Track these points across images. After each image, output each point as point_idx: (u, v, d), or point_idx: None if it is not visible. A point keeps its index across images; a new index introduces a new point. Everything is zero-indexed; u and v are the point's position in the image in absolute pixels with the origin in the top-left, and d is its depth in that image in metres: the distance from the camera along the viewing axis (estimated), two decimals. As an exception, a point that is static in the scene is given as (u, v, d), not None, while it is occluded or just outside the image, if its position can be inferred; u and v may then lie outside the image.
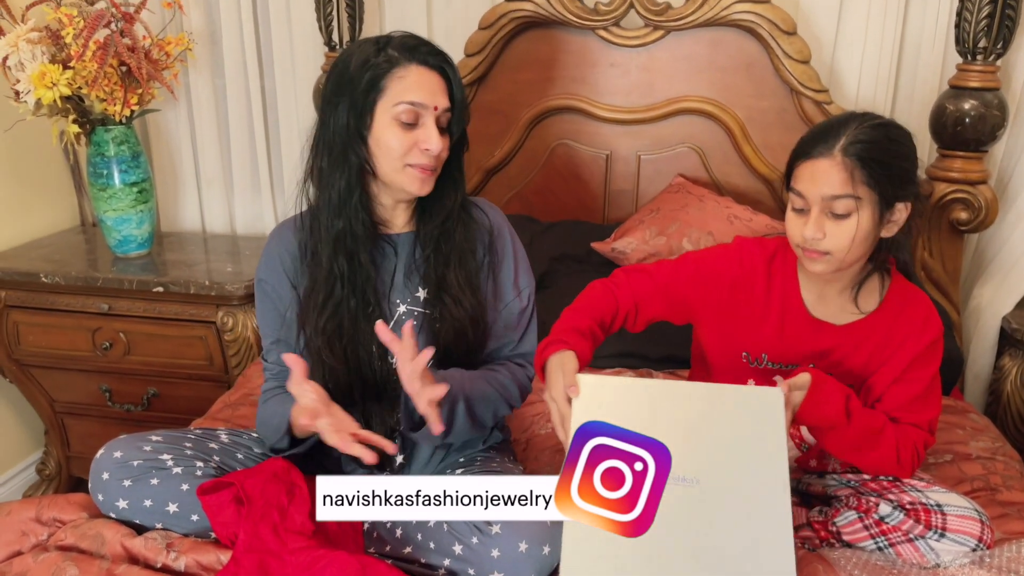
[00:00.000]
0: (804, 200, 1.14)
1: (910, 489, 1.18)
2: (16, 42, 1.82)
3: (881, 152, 1.11)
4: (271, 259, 1.30)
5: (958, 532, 1.13)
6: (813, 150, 1.12)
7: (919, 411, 1.22)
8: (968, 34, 1.79)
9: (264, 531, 1.12)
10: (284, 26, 2.21)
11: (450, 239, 1.27)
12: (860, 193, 1.10)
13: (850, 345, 1.23)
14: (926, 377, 1.21)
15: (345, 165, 1.20)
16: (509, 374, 1.29)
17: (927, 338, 1.21)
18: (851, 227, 1.12)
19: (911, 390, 1.21)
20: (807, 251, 1.15)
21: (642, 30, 2.04)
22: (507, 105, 2.14)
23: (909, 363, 1.21)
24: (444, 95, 1.20)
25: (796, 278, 1.26)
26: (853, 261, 1.16)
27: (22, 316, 2.07)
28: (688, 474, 1.03)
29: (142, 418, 2.11)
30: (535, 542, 1.09)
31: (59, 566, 1.13)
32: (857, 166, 1.10)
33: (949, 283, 2.00)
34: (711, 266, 1.28)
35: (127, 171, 2.04)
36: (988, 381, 2.03)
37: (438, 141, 1.18)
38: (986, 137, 1.85)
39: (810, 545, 1.22)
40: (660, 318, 1.30)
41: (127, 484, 1.21)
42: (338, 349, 1.23)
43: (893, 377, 1.22)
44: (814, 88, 1.95)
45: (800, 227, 1.15)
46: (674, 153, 2.11)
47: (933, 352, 1.22)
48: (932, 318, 1.23)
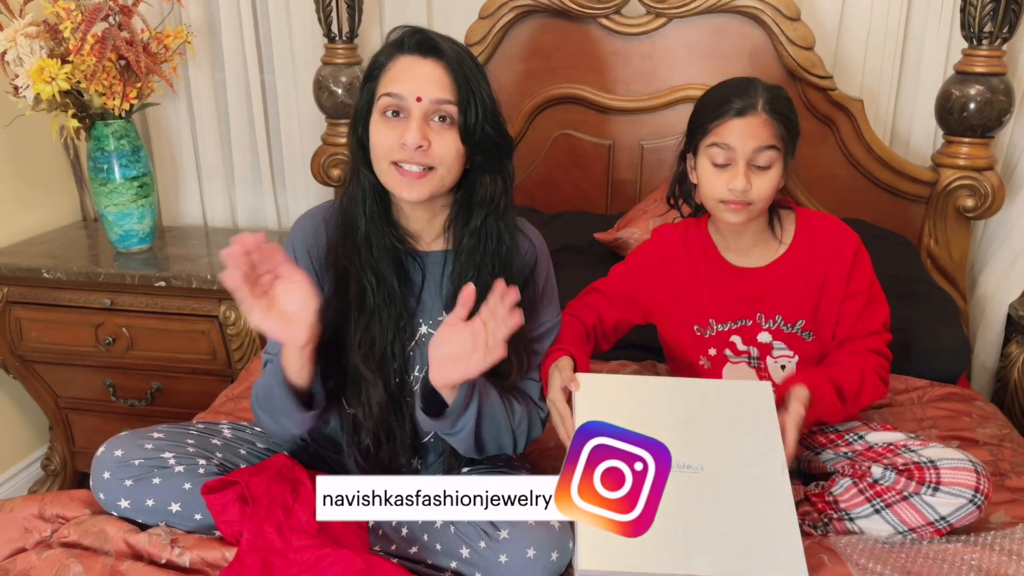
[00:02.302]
0: (731, 153, 1.23)
1: (904, 451, 1.19)
2: (14, 37, 1.81)
3: (788, 108, 1.25)
4: (299, 251, 1.22)
5: (953, 484, 1.13)
6: (735, 108, 1.22)
7: (871, 318, 1.31)
8: (974, 18, 1.77)
9: (268, 530, 1.11)
10: (283, 18, 2.20)
11: (481, 261, 1.16)
12: (779, 145, 1.23)
13: (780, 281, 1.32)
14: (864, 286, 1.31)
15: (357, 174, 1.17)
16: (524, 407, 1.20)
17: (847, 252, 1.30)
18: (772, 177, 1.24)
19: (857, 304, 1.31)
20: (731, 203, 1.25)
21: (644, 18, 2.02)
22: (508, 95, 2.12)
23: (845, 281, 1.30)
24: (437, 85, 1.09)
25: (711, 240, 1.37)
26: (763, 209, 1.28)
27: (24, 312, 2.06)
28: (692, 462, 1.07)
29: (146, 413, 2.11)
30: (543, 548, 1.07)
31: (63, 563, 1.12)
32: (777, 120, 1.23)
33: (955, 270, 1.98)
34: (638, 259, 1.42)
35: (127, 166, 2.03)
36: (995, 368, 2.03)
37: (415, 134, 1.08)
38: (992, 123, 1.83)
39: (810, 520, 1.22)
40: (623, 322, 1.42)
41: (128, 483, 1.19)
42: (372, 363, 1.17)
43: (838, 299, 1.31)
44: (818, 75, 1.94)
45: (724, 181, 1.24)
46: (677, 142, 2.08)
47: (860, 262, 1.31)
48: (844, 233, 1.32)
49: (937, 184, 1.93)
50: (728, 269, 1.35)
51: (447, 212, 1.20)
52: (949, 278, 1.98)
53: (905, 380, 1.65)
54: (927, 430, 1.50)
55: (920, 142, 2.08)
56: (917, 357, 1.66)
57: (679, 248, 1.38)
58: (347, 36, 2.07)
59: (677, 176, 1.38)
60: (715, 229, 1.37)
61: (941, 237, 1.97)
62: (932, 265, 1.98)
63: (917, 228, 2.01)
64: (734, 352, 1.36)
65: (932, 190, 1.95)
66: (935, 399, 1.60)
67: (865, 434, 1.28)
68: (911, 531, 1.16)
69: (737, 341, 1.35)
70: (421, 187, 1.12)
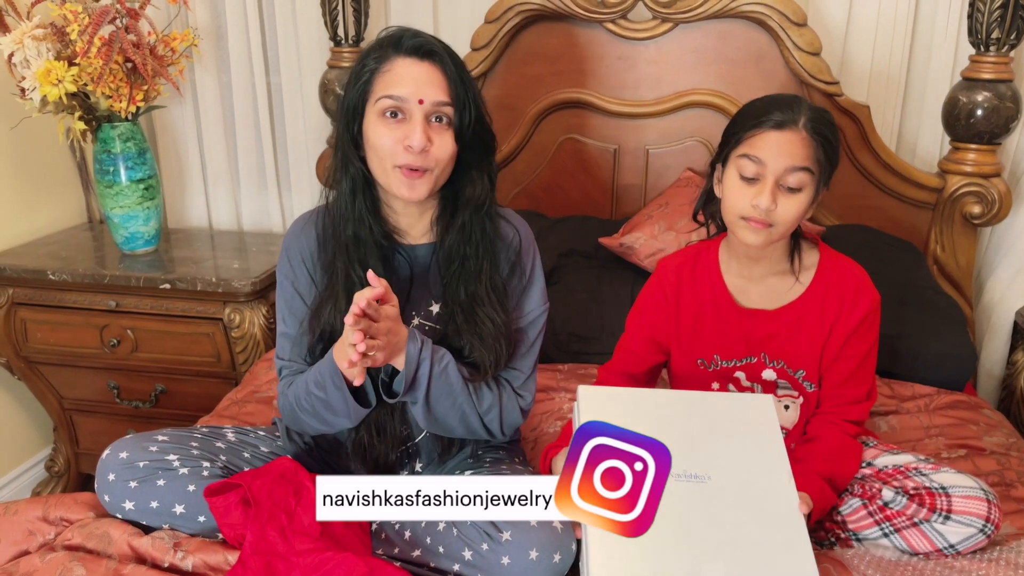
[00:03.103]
0: (761, 168, 1.15)
1: (915, 474, 1.18)
2: (21, 39, 1.82)
3: (832, 132, 1.17)
4: (293, 255, 1.24)
5: (964, 513, 1.12)
6: (775, 120, 1.15)
7: (855, 385, 1.25)
8: (981, 25, 1.76)
9: (271, 533, 1.11)
10: (289, 21, 2.20)
11: (467, 253, 1.19)
12: (814, 169, 1.15)
13: (789, 327, 1.26)
14: (860, 353, 1.24)
15: (348, 170, 1.17)
16: (495, 393, 1.21)
17: (859, 312, 1.24)
18: (799, 202, 1.16)
19: (846, 367, 1.25)
20: (752, 221, 1.17)
21: (650, 23, 2.02)
22: (514, 99, 2.12)
23: (845, 340, 1.24)
24: (436, 87, 1.11)
25: (719, 273, 1.30)
26: (784, 235, 1.21)
27: (30, 313, 2.07)
28: (699, 472, 1.06)
29: (150, 415, 2.11)
30: (546, 550, 1.08)
31: (66, 566, 1.13)
32: (817, 142, 1.15)
33: (962, 277, 1.98)
34: (645, 298, 1.37)
35: (133, 168, 2.04)
36: (1002, 376, 2.01)
37: (419, 136, 1.09)
38: (999, 129, 1.83)
39: (816, 538, 1.21)
40: (654, 366, 1.38)
41: (133, 485, 1.20)
42: None
43: (832, 356, 1.25)
44: (825, 80, 1.93)
45: (750, 196, 1.16)
46: (683, 147, 2.09)
47: (868, 327, 1.25)
48: (864, 291, 1.25)
49: (944, 191, 1.92)
50: (736, 310, 1.29)
51: (435, 207, 1.22)
52: (955, 285, 1.97)
53: (912, 387, 1.65)
54: (934, 438, 1.49)
55: (927, 148, 2.07)
56: (923, 364, 1.65)
57: (686, 280, 1.32)
58: (353, 39, 2.07)
59: (705, 191, 1.31)
60: (728, 254, 1.30)
61: (948, 244, 1.96)
62: (939, 272, 1.97)
63: (924, 235, 2.00)
64: (738, 388, 1.33)
65: (939, 196, 1.94)
66: (942, 407, 1.59)
67: (873, 460, 1.26)
68: (917, 555, 1.15)
69: (741, 377, 1.32)
70: (421, 187, 1.13)
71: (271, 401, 1.65)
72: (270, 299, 2.00)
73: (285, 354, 1.25)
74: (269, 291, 2.01)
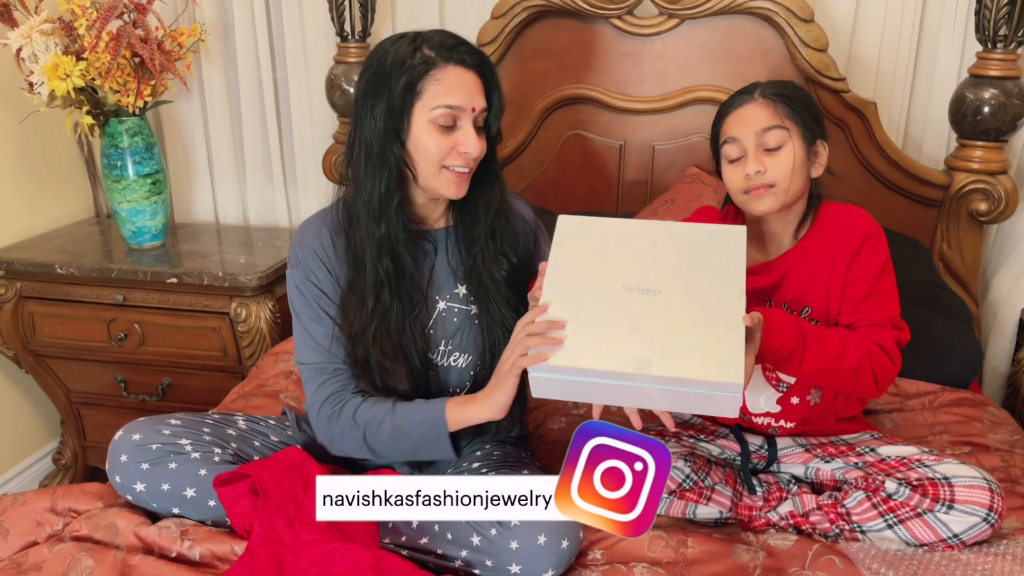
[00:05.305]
0: (738, 144, 1.24)
1: (918, 466, 1.19)
2: (30, 33, 1.83)
3: (793, 92, 1.25)
4: (308, 258, 1.24)
5: (967, 502, 1.13)
6: (736, 103, 1.26)
7: (873, 310, 1.24)
8: (988, 21, 1.76)
9: (278, 523, 1.12)
10: (296, 16, 2.20)
11: (498, 236, 1.26)
12: (787, 125, 1.22)
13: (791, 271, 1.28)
14: (868, 274, 1.25)
15: (384, 169, 1.17)
16: None
17: (856, 236, 1.25)
18: (787, 156, 1.22)
19: (858, 290, 1.25)
20: (753, 189, 1.23)
21: (657, 18, 2.02)
22: (520, 95, 2.13)
23: (847, 266, 1.25)
24: (481, 95, 1.17)
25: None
26: (796, 193, 1.25)
27: (38, 307, 2.08)
28: (650, 286, 1.08)
29: (157, 408, 2.12)
30: (554, 535, 1.10)
31: (74, 557, 1.13)
32: (778, 102, 1.23)
33: (968, 275, 1.97)
34: None
35: (141, 162, 2.05)
36: (1007, 374, 2.01)
37: (476, 143, 1.16)
38: (1006, 126, 1.82)
39: (821, 530, 1.22)
40: None
41: (145, 467, 1.21)
42: (388, 351, 1.21)
43: (840, 283, 1.26)
44: (831, 76, 1.93)
45: (740, 172, 1.24)
46: (689, 143, 2.09)
47: (871, 249, 1.26)
48: (860, 219, 1.28)
49: (950, 188, 1.92)
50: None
51: None
52: (961, 282, 1.97)
53: (916, 384, 1.65)
54: (938, 435, 1.49)
55: (933, 145, 2.07)
56: (928, 361, 1.65)
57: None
58: (359, 35, 2.07)
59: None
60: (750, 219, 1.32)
61: (954, 241, 1.96)
62: (944, 269, 1.97)
63: (930, 232, 2.00)
64: None
65: (945, 194, 1.94)
66: (946, 404, 1.59)
67: (877, 447, 1.27)
68: (923, 546, 1.16)
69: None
70: (466, 186, 1.21)
71: (278, 395, 1.66)
72: (276, 293, 2.01)
73: (309, 358, 1.24)
74: (275, 286, 2.02)
